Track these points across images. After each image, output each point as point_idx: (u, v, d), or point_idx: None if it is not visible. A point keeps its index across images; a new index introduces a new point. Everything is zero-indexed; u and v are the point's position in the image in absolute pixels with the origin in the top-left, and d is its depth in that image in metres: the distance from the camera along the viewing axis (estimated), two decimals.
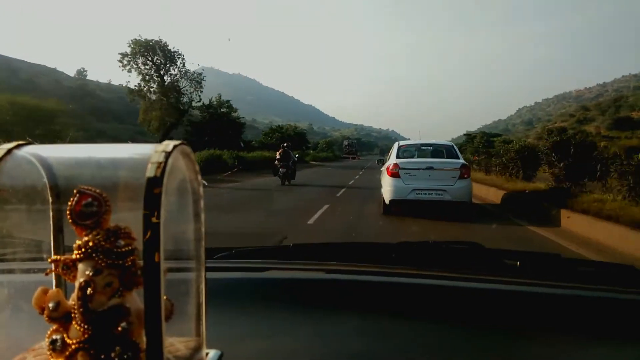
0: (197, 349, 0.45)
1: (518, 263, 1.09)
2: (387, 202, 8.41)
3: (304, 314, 0.82)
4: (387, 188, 8.39)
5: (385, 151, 9.85)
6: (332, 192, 12.70)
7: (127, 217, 0.41)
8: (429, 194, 8.10)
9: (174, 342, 0.44)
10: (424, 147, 9.93)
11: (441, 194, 8.07)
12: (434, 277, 1.00)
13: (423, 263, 1.18)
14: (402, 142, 10.15)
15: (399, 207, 8.32)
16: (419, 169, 8.26)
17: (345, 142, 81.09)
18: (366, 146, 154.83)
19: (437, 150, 9.54)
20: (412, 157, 9.15)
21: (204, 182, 0.45)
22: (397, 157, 8.85)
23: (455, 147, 9.45)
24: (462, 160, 8.66)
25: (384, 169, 9.26)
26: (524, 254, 1.21)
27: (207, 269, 0.47)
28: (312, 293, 0.92)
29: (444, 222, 7.63)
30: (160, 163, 0.36)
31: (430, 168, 8.24)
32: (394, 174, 8.30)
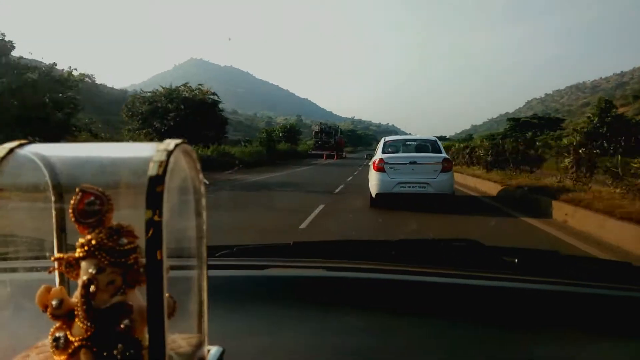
0: (199, 345, 0.45)
1: (516, 260, 1.09)
2: (373, 195, 8.76)
3: (305, 311, 0.83)
4: (373, 182, 8.72)
5: None
6: None
7: (129, 215, 0.41)
8: (413, 187, 8.44)
9: (176, 339, 0.45)
10: (408, 142, 10.26)
11: (425, 187, 8.42)
12: (433, 274, 1.00)
13: (422, 260, 1.18)
14: (388, 138, 10.40)
15: (385, 200, 8.59)
16: (403, 163, 8.59)
17: (316, 128, 48.72)
18: (363, 140, 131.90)
19: (421, 145, 9.85)
20: (397, 151, 9.43)
21: (206, 180, 0.45)
22: (383, 152, 9.18)
23: (438, 141, 9.80)
24: (444, 155, 9.02)
25: (371, 163, 9.57)
26: (523, 251, 1.22)
27: (209, 267, 0.47)
28: (312, 290, 0.92)
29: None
30: (162, 162, 0.37)
31: (414, 162, 8.57)
32: (380, 169, 8.63)
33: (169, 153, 0.38)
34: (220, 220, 6.25)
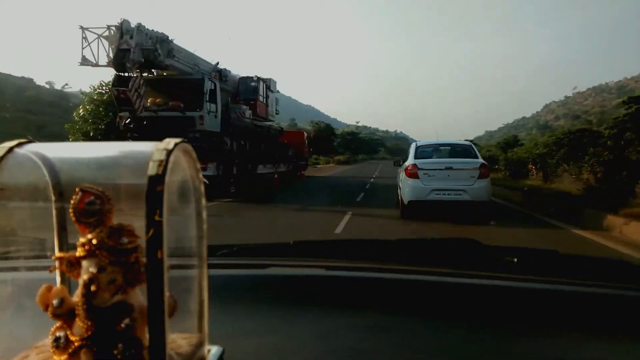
0: (200, 345, 0.45)
1: (516, 259, 1.09)
2: (405, 203, 8.35)
3: (305, 310, 0.83)
4: (406, 189, 8.33)
5: (395, 152, 9.85)
6: None
7: (129, 215, 0.41)
8: (448, 194, 8.06)
9: (177, 339, 0.45)
10: (442, 147, 9.69)
11: (460, 194, 8.02)
12: (432, 273, 1.00)
13: (422, 260, 1.18)
14: (420, 143, 9.86)
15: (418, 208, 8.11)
16: (438, 169, 8.20)
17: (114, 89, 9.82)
18: (367, 146, 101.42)
19: (456, 150, 9.40)
20: (430, 157, 9.00)
21: (205, 180, 0.45)
22: (416, 157, 8.76)
23: (473, 146, 9.34)
24: (481, 160, 8.59)
25: (402, 169, 9.15)
26: (522, 250, 1.22)
27: (209, 266, 0.47)
28: (312, 289, 0.92)
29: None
30: (161, 161, 0.37)
31: (450, 168, 8.19)
32: (413, 175, 8.25)
33: (169, 152, 0.38)
34: None
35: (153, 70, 12.18)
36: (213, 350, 0.48)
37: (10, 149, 0.42)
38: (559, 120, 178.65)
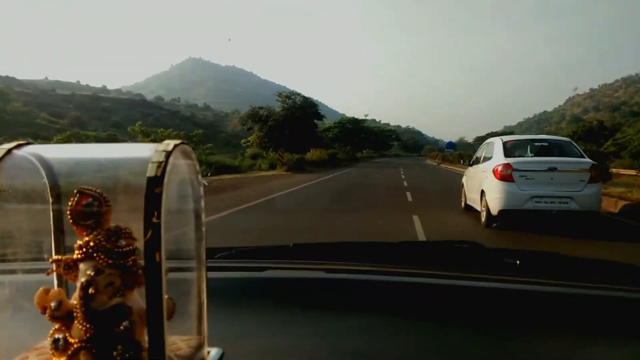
0: (199, 347, 0.45)
1: (518, 262, 1.09)
2: (494, 212, 6.65)
3: (304, 313, 0.82)
4: (495, 195, 6.63)
5: (411, 147, 8.48)
6: None
7: (127, 217, 0.41)
8: (552, 203, 6.38)
9: (176, 341, 0.45)
10: (537, 143, 7.65)
11: (567, 202, 6.37)
12: (434, 276, 1.00)
13: (423, 262, 1.18)
14: (507, 138, 7.85)
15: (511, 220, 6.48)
16: (539, 171, 6.53)
17: None
18: (375, 139, 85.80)
19: (555, 147, 7.49)
20: (524, 155, 7.29)
21: (205, 181, 0.45)
22: (507, 155, 7.01)
23: (574, 143, 7.66)
24: (590, 160, 6.92)
25: (485, 170, 7.38)
26: (524, 252, 1.22)
27: (208, 269, 0.47)
28: (312, 292, 0.92)
29: None
30: (160, 162, 0.36)
31: (553, 169, 6.51)
32: (506, 177, 6.56)
33: (168, 154, 0.37)
34: None
35: None
36: (212, 352, 0.48)
37: (9, 151, 0.41)
38: (587, 113, 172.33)
